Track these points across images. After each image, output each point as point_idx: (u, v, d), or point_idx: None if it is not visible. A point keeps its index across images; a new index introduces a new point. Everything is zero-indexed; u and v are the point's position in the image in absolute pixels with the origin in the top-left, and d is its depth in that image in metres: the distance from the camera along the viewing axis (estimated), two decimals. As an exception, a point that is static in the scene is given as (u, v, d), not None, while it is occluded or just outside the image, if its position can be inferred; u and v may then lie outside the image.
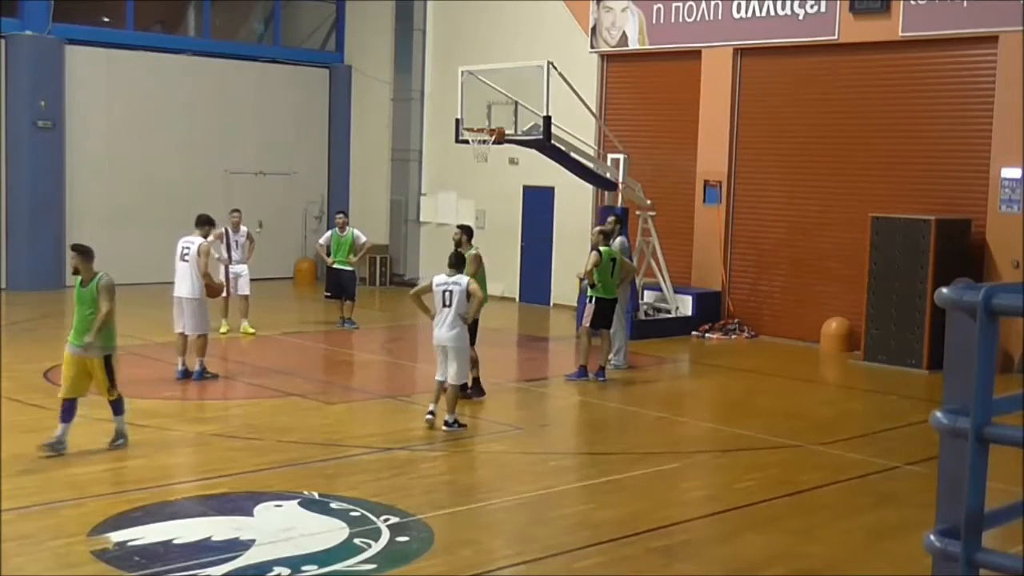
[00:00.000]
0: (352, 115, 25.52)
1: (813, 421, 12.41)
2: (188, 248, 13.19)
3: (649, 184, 18.44)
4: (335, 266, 17.86)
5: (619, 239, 14.93)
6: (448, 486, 9.44)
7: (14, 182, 21.23)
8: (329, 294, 18.18)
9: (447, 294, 11.11)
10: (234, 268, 16.69)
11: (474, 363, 12.29)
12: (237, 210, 17.34)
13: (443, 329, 11.14)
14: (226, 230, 16.72)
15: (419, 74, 23.92)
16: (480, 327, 12.48)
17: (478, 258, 12.56)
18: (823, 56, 17.76)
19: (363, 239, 18.07)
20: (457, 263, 11.39)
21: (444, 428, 11.06)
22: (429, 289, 11.34)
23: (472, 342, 11.93)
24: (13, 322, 17.41)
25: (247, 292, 16.86)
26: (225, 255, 16.54)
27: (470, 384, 12.29)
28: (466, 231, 13.09)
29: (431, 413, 11.16)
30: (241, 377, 13.97)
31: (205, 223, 13.48)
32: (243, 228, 17.10)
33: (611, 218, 15.17)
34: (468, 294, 11.14)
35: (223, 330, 16.34)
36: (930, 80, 16.67)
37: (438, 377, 11.26)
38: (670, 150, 19.70)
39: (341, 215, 18.72)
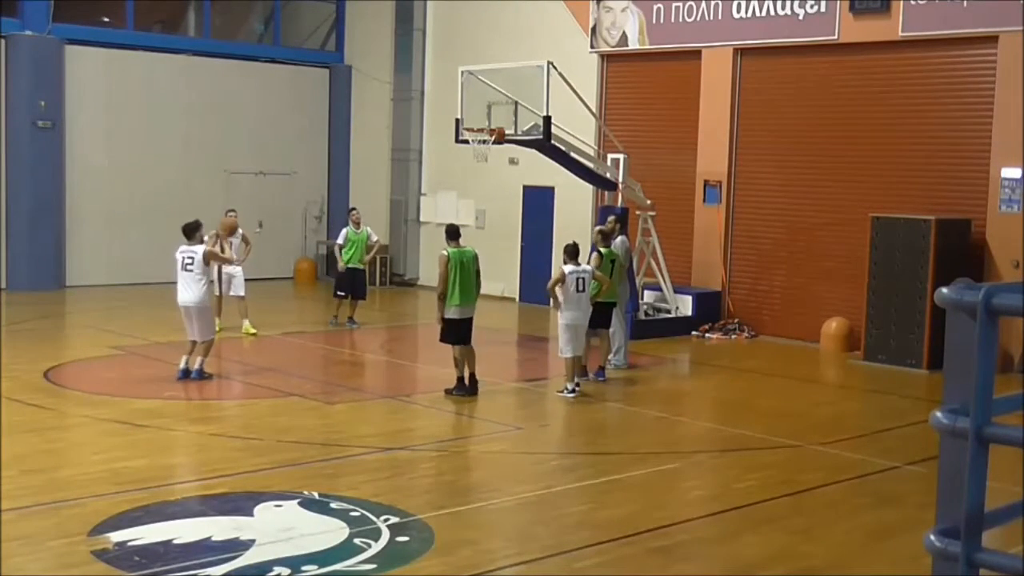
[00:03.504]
0: (352, 115, 25.51)
1: (813, 421, 12.41)
2: (191, 257, 13.12)
3: (649, 184, 18.43)
4: (351, 266, 17.85)
5: (619, 239, 14.93)
6: (448, 486, 9.43)
7: (14, 182, 21.23)
8: (342, 293, 18.07)
9: (580, 280, 12.90)
10: (227, 269, 16.63)
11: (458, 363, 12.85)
12: (232, 210, 17.28)
13: (580, 311, 12.93)
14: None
15: (419, 74, 23.92)
16: (480, 327, 13.06)
17: (441, 258, 12.67)
18: (823, 56, 17.76)
19: (375, 237, 18.33)
20: (574, 254, 13.02)
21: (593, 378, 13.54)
22: (563, 278, 12.88)
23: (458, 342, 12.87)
24: (13, 322, 17.41)
25: (242, 293, 16.83)
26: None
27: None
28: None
29: (578, 384, 12.94)
30: (241, 377, 13.97)
31: (195, 229, 13.41)
32: (239, 230, 17.08)
33: (611, 218, 15.17)
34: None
35: (216, 329, 16.29)
36: (930, 80, 16.66)
37: (569, 354, 12.84)
38: (670, 150, 19.69)
39: (355, 211, 18.70)
